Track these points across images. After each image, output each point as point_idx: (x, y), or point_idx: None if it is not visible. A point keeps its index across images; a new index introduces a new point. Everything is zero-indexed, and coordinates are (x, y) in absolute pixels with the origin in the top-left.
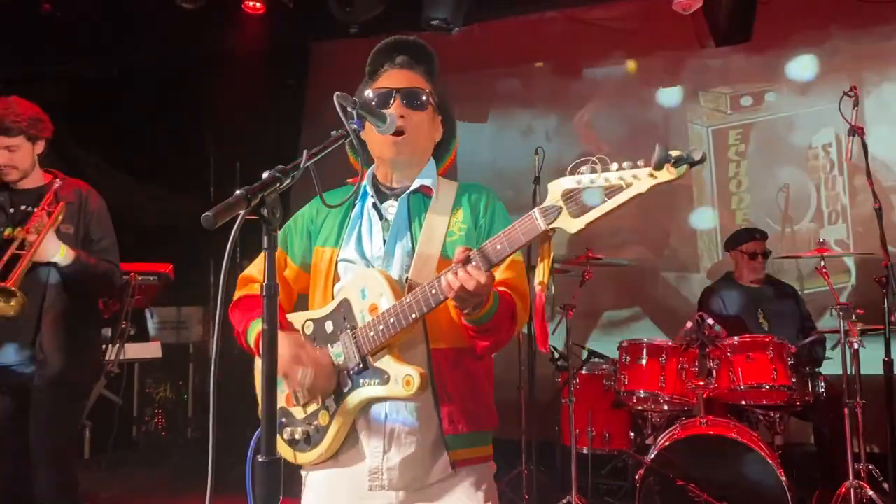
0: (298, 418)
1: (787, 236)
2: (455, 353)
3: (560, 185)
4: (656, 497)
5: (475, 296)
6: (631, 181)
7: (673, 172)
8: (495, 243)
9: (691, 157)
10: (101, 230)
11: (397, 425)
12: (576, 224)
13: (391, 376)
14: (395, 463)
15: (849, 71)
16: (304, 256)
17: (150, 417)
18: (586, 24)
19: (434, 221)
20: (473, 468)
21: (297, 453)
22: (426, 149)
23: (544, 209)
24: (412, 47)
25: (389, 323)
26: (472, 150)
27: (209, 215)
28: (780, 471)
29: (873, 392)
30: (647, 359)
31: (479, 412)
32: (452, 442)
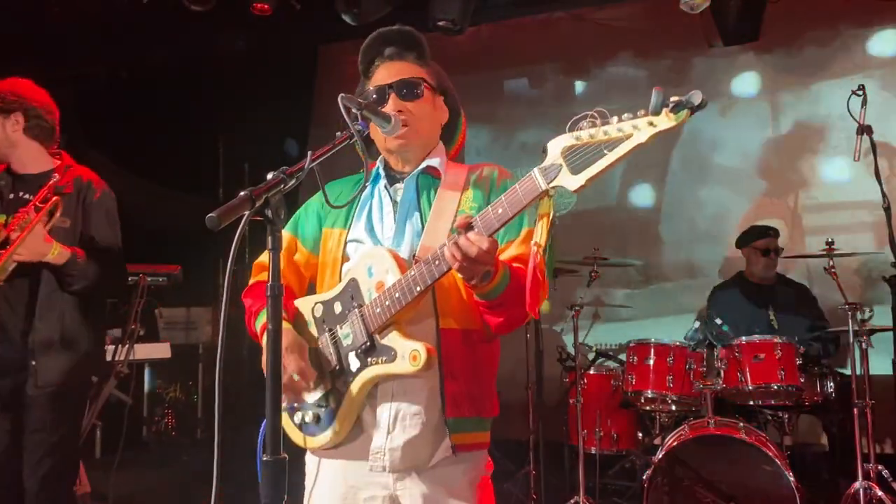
0: (310, 401)
1: (796, 235)
2: (465, 334)
3: (559, 143)
4: (664, 497)
5: (479, 264)
6: (631, 132)
7: (672, 119)
8: (496, 207)
9: (691, 100)
10: (102, 226)
11: (403, 406)
12: (577, 180)
13: (398, 353)
14: (399, 444)
15: (855, 70)
16: (315, 240)
17: (161, 417)
18: (594, 25)
19: (444, 200)
20: (470, 455)
21: (307, 437)
22: (432, 134)
23: (544, 168)
24: (399, 37)
25: (395, 298)
26: (479, 150)
27: (213, 216)
28: (788, 471)
29: (883, 392)
30: (654, 359)
31: (483, 397)
32: (455, 425)
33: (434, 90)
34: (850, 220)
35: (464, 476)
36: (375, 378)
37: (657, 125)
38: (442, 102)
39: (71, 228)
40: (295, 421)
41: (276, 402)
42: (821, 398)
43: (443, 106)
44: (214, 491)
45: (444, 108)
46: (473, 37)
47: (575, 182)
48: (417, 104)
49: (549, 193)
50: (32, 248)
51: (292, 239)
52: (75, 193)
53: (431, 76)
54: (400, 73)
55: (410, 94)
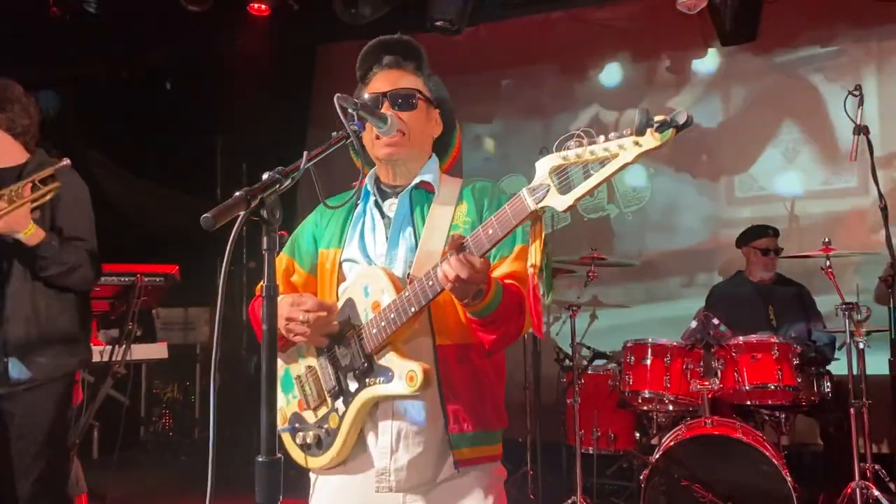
0: (310, 422)
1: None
2: (462, 350)
3: (547, 163)
4: (661, 497)
5: (471, 284)
6: (617, 151)
7: (657, 138)
8: (487, 228)
9: (675, 120)
10: (72, 219)
11: (405, 425)
12: (565, 201)
13: (395, 373)
14: (403, 464)
15: (854, 70)
16: (311, 261)
17: (158, 418)
18: (592, 25)
19: (437, 216)
20: (478, 468)
21: (308, 458)
22: (424, 146)
23: (532, 188)
24: (398, 46)
25: (390, 319)
26: (477, 150)
27: (208, 217)
28: (785, 471)
29: (879, 392)
30: (651, 359)
31: (487, 411)
32: (457, 441)
33: (429, 102)
34: (850, 221)
35: (477, 489)
36: (374, 399)
37: (643, 145)
38: (437, 116)
39: (39, 220)
40: (297, 441)
41: (271, 402)
42: (817, 398)
43: (437, 119)
44: (209, 491)
45: (438, 122)
46: (471, 37)
47: (563, 202)
48: (411, 115)
49: (538, 214)
50: (14, 220)
51: (289, 261)
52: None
53: (428, 88)
54: (396, 82)
55: (405, 104)
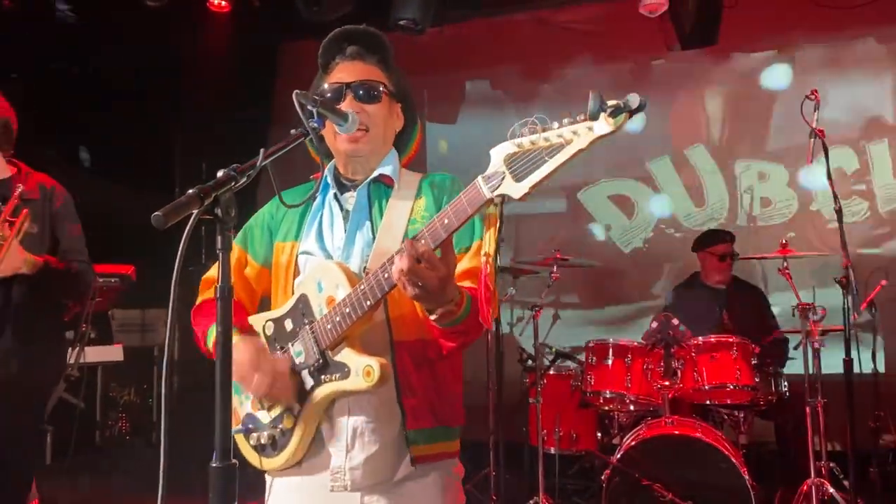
0: (264, 423)
1: (752, 235)
2: (419, 346)
3: (502, 151)
4: (622, 497)
5: (425, 278)
6: (571, 138)
7: (611, 123)
8: (443, 217)
9: (628, 104)
10: (67, 228)
11: (360, 422)
12: (520, 188)
13: (351, 369)
14: (359, 462)
15: (811, 74)
16: (266, 254)
17: (114, 422)
18: (554, 27)
19: (395, 209)
20: (436, 465)
21: (263, 459)
22: (385, 140)
23: (487, 176)
24: (363, 37)
25: (345, 313)
26: (440, 150)
27: (159, 215)
28: (743, 469)
29: (834, 391)
30: (613, 359)
31: (444, 407)
32: (415, 437)
33: (392, 96)
34: (804, 223)
35: (433, 485)
36: (330, 396)
37: (596, 130)
38: (399, 110)
39: (39, 234)
40: (251, 443)
41: (225, 405)
42: (775, 397)
43: (399, 113)
44: (160, 497)
45: (400, 116)
46: (436, 37)
47: (518, 190)
48: (374, 107)
49: (493, 202)
50: (10, 264)
51: (242, 253)
52: (41, 200)
53: (392, 82)
54: (360, 73)
55: (367, 96)
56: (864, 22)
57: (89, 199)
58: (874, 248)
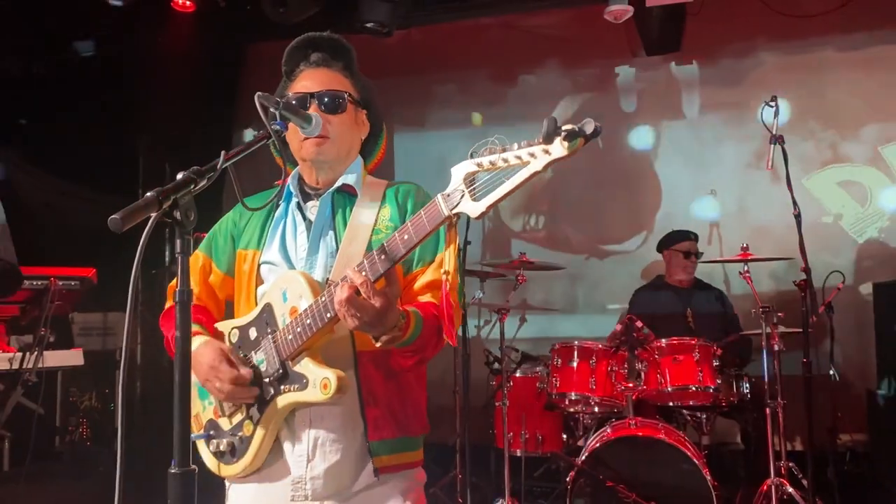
0: (224, 429)
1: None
2: (382, 356)
3: (462, 169)
4: (587, 498)
5: (363, 311)
6: (528, 160)
7: (565, 147)
8: (402, 233)
9: (583, 130)
10: None
11: (322, 432)
12: (478, 207)
13: (309, 380)
14: (320, 472)
15: (772, 81)
16: (229, 262)
17: (75, 427)
18: (522, 32)
19: (359, 219)
20: (398, 475)
21: (221, 465)
22: (350, 148)
23: (447, 194)
24: (327, 43)
25: (306, 324)
26: (410, 154)
27: (116, 218)
28: (705, 470)
29: (793, 392)
30: (578, 361)
31: (407, 417)
32: (377, 448)
33: (357, 104)
34: (766, 227)
35: (394, 494)
36: (289, 406)
37: (552, 153)
38: (364, 117)
39: None
40: (210, 449)
41: (184, 411)
42: (736, 398)
43: (364, 120)
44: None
45: (365, 123)
46: (403, 40)
47: (476, 209)
48: (339, 117)
49: (452, 220)
50: None
51: (206, 260)
52: None
53: (356, 89)
54: (325, 82)
55: (333, 106)
56: (824, 31)
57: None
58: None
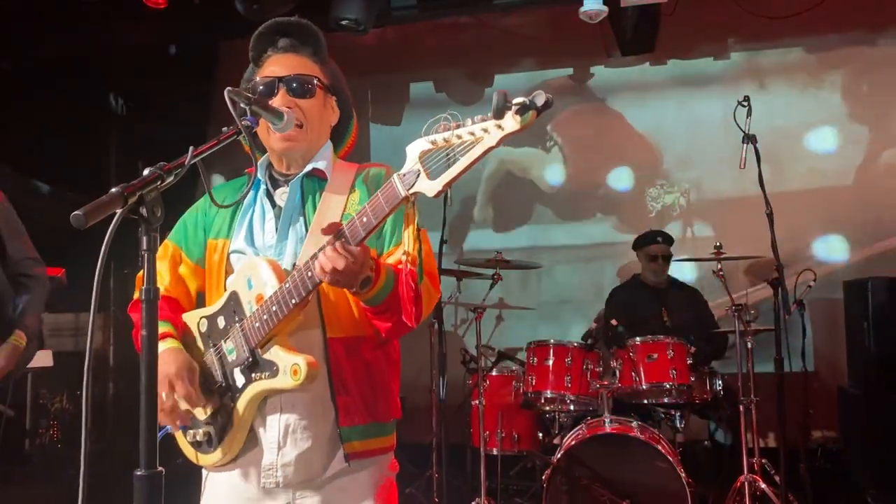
0: (200, 419)
1: (688, 239)
2: (353, 342)
3: (416, 148)
4: (563, 496)
5: (349, 275)
6: (481, 135)
7: (518, 121)
8: (361, 216)
9: (534, 102)
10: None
11: (293, 419)
12: (434, 186)
13: (279, 367)
14: (291, 458)
15: (744, 82)
16: (199, 252)
17: (45, 429)
18: (498, 32)
19: (329, 204)
20: (369, 461)
21: (199, 455)
22: (320, 135)
23: (403, 174)
24: (295, 28)
25: (272, 311)
26: (385, 152)
27: (79, 214)
28: (679, 468)
29: (766, 389)
30: (553, 359)
31: (379, 403)
32: (348, 434)
33: (327, 90)
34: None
35: (365, 481)
36: (261, 394)
37: (505, 128)
38: (334, 103)
39: None
40: (188, 439)
41: (151, 412)
42: (710, 396)
43: (334, 107)
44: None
45: (335, 110)
46: (379, 38)
47: (433, 187)
48: (308, 102)
49: (409, 199)
50: None
51: (177, 250)
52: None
53: (326, 75)
54: (293, 67)
55: (301, 90)
56: (795, 32)
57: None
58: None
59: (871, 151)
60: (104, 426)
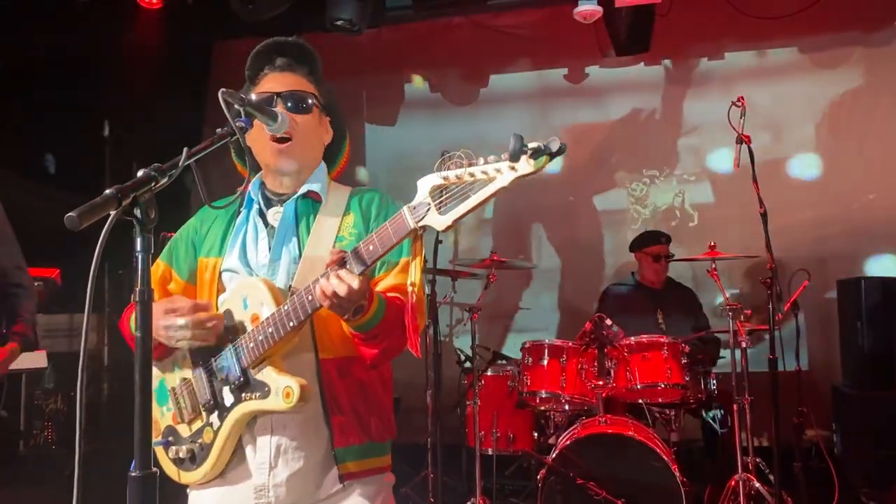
0: (184, 436)
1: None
2: (345, 363)
3: (428, 182)
4: (558, 496)
5: (350, 302)
6: (494, 175)
7: (531, 165)
8: (367, 244)
9: (549, 147)
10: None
11: (284, 440)
12: (443, 221)
13: (271, 389)
14: (283, 479)
15: (738, 82)
16: (190, 269)
17: (39, 431)
18: (493, 31)
19: (323, 226)
20: (365, 481)
21: (181, 472)
22: (315, 153)
23: (413, 207)
24: (292, 49)
25: (268, 333)
26: (380, 152)
27: (73, 216)
28: (674, 466)
29: (760, 388)
30: (548, 359)
31: (372, 423)
32: (342, 455)
33: (322, 109)
34: (736, 225)
35: (360, 499)
36: (250, 414)
37: (518, 170)
38: (328, 123)
39: None
40: (169, 455)
41: (145, 413)
42: (704, 395)
43: (328, 126)
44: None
45: (328, 129)
46: (374, 38)
47: (442, 222)
48: (303, 118)
49: (417, 232)
50: None
51: (167, 268)
52: None
53: (321, 94)
54: (289, 85)
55: (298, 106)
56: (789, 33)
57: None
58: None
59: None
60: (98, 427)
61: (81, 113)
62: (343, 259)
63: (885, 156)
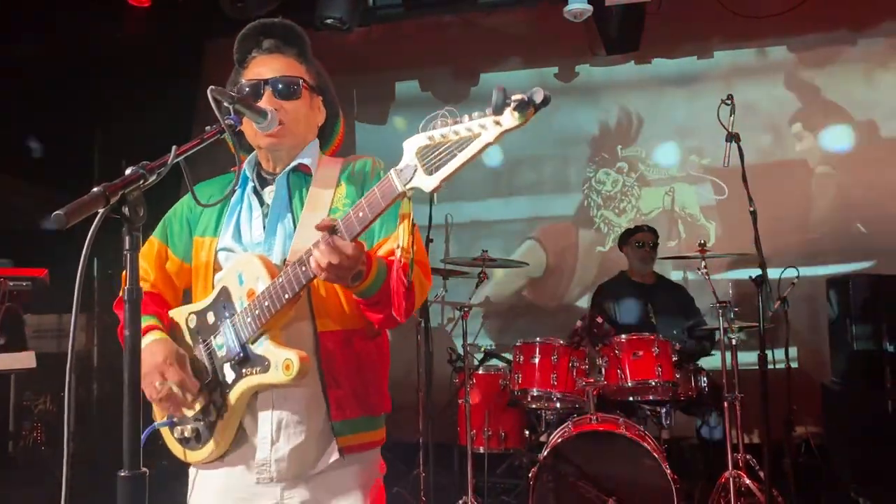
0: (188, 415)
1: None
2: (344, 335)
3: (414, 143)
4: (549, 494)
5: (345, 269)
6: (479, 131)
7: (516, 118)
8: (357, 210)
9: (532, 99)
10: None
11: (286, 414)
12: (431, 181)
13: (271, 362)
14: (284, 453)
15: (727, 80)
16: (185, 249)
17: (28, 432)
18: (483, 30)
19: (316, 198)
20: (361, 455)
21: (187, 452)
22: (307, 135)
23: (400, 169)
24: (279, 30)
25: (264, 306)
26: (371, 152)
27: (60, 214)
28: (665, 464)
29: (750, 385)
30: (539, 357)
31: (370, 396)
32: (340, 428)
33: (312, 90)
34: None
35: (354, 479)
36: (251, 389)
37: (503, 124)
38: (320, 103)
39: None
40: (175, 435)
41: (135, 412)
42: (695, 392)
43: (320, 106)
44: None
45: (321, 109)
46: (364, 37)
47: (430, 183)
48: (293, 103)
49: (406, 195)
50: None
51: (162, 247)
52: None
53: (311, 75)
54: (278, 68)
55: (286, 92)
56: (779, 31)
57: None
58: None
59: None
60: (87, 428)
61: (71, 112)
62: (334, 227)
63: (873, 154)
